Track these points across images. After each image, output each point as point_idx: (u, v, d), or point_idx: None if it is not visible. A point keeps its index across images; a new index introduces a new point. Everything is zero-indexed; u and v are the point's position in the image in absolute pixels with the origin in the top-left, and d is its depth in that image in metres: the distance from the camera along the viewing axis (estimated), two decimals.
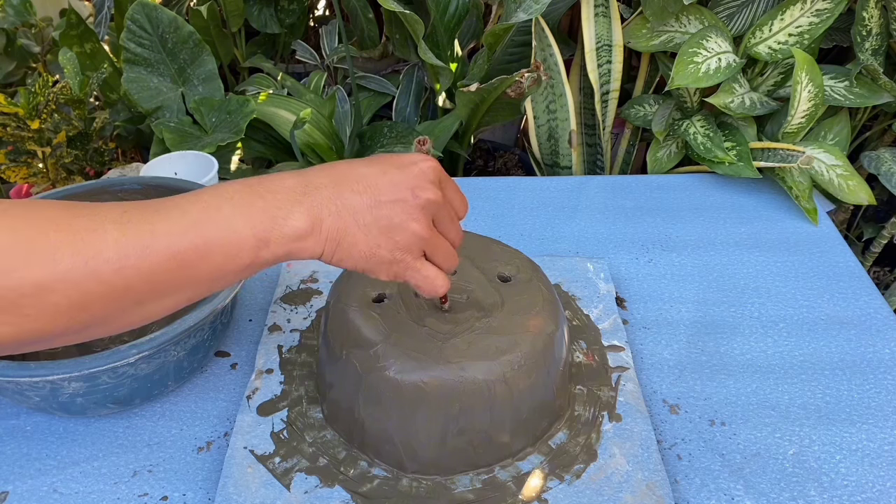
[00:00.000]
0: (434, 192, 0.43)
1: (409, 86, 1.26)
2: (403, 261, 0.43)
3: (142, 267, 0.35)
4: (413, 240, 0.43)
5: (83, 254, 0.34)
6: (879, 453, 0.56)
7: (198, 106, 1.03)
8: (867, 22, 0.88)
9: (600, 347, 0.63)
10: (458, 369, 0.49)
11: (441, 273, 0.45)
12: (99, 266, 0.34)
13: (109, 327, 0.38)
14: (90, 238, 0.34)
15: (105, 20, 1.17)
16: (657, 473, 0.52)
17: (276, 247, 0.39)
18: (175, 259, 0.36)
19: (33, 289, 0.33)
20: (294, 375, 0.61)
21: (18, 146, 1.00)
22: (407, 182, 0.42)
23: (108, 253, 0.34)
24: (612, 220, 0.84)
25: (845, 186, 0.87)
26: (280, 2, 1.37)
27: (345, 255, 0.42)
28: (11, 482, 0.53)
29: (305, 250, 0.41)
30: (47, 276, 0.33)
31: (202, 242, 0.37)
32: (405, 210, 0.42)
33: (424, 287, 0.45)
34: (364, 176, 0.42)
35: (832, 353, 0.65)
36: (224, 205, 0.38)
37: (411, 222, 0.42)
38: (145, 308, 0.37)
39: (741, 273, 0.75)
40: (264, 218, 0.39)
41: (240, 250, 0.38)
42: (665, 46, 0.98)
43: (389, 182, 0.42)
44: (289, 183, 0.41)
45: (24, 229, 0.33)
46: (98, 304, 0.35)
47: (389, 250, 0.42)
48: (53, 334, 0.35)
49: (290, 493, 0.51)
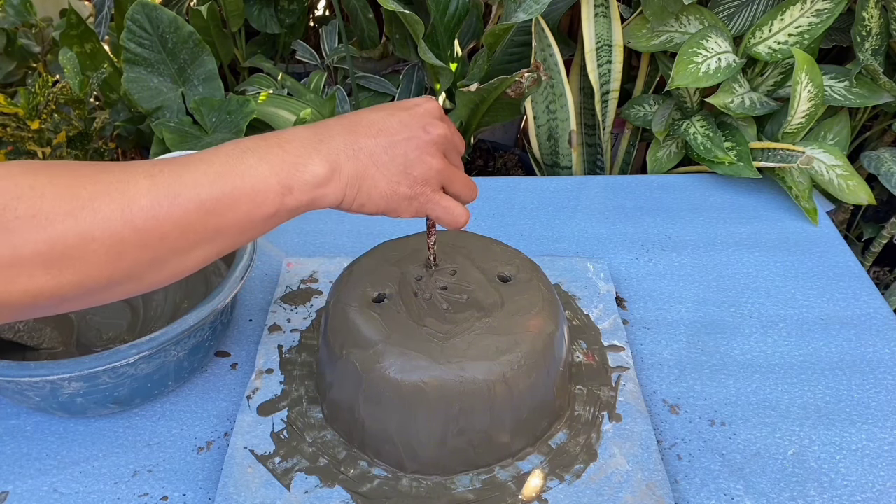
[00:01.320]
0: (443, 126, 0.45)
1: (409, 86, 1.26)
2: (424, 194, 0.45)
3: (173, 215, 0.36)
4: (431, 173, 0.45)
5: (119, 202, 0.35)
6: (879, 453, 0.56)
7: (198, 106, 1.03)
8: (867, 22, 0.88)
9: (600, 347, 0.63)
10: (458, 369, 0.49)
11: (459, 204, 0.47)
12: (134, 214, 0.35)
13: (145, 282, 0.38)
14: (125, 188, 0.36)
15: (105, 20, 1.17)
16: (657, 473, 0.52)
17: (300, 193, 0.41)
18: (204, 207, 0.37)
19: (76, 238, 0.34)
20: (294, 375, 0.61)
21: (18, 146, 1.00)
22: (416, 121, 0.45)
23: (142, 201, 0.36)
24: (612, 220, 0.84)
25: (845, 186, 0.87)
26: (280, 2, 1.37)
27: (366, 199, 0.43)
28: (11, 482, 0.53)
29: (327, 196, 0.42)
30: (88, 225, 0.34)
31: (229, 190, 0.38)
32: (419, 146, 0.44)
33: (446, 218, 0.47)
34: (375, 121, 0.44)
35: (832, 352, 0.65)
36: (246, 155, 0.40)
37: (426, 156, 0.44)
38: (179, 259, 0.38)
39: (741, 273, 0.75)
40: (285, 165, 0.40)
41: (266, 197, 0.39)
42: (665, 46, 0.98)
43: (399, 122, 0.44)
44: (303, 133, 0.42)
45: (66, 181, 0.35)
46: (134, 253, 0.36)
47: (409, 185, 0.44)
48: (92, 288, 0.36)
49: (290, 493, 0.51)
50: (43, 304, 0.35)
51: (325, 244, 0.78)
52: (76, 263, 0.34)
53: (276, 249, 0.77)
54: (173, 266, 0.39)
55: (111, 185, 0.35)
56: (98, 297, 0.37)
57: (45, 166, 0.35)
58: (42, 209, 0.33)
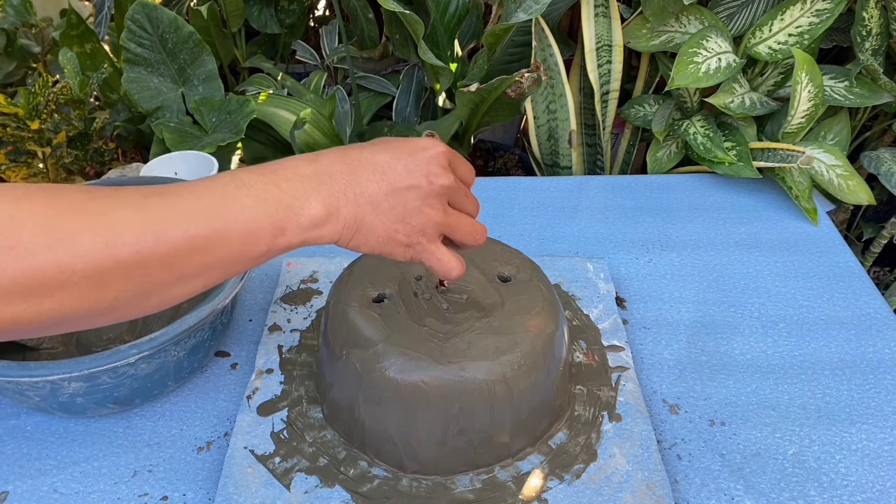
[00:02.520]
0: (447, 177, 0.44)
1: (409, 86, 1.26)
2: (420, 244, 0.45)
3: (159, 250, 0.36)
4: (429, 224, 0.44)
5: (103, 235, 0.34)
6: (879, 453, 0.56)
7: (198, 106, 1.03)
8: (867, 22, 0.88)
9: (600, 347, 0.63)
10: (458, 369, 0.49)
11: (455, 256, 0.47)
12: (118, 249, 0.34)
13: (128, 312, 0.38)
14: (110, 221, 0.35)
15: (105, 20, 1.17)
16: (657, 473, 0.52)
17: (293, 235, 0.40)
18: (191, 244, 0.37)
19: (56, 271, 0.33)
20: (294, 375, 0.61)
21: (18, 146, 1.00)
22: (420, 169, 0.44)
23: (127, 235, 0.35)
24: (612, 220, 0.84)
25: (845, 186, 0.87)
26: (280, 2, 1.37)
27: (362, 241, 0.43)
28: (11, 482, 0.53)
29: (322, 237, 0.41)
30: (69, 258, 0.33)
31: (219, 228, 0.37)
32: (420, 196, 0.43)
33: (439, 269, 0.46)
34: (379, 164, 0.43)
35: (832, 353, 0.65)
36: (241, 192, 0.39)
37: (426, 208, 0.44)
38: (163, 292, 0.38)
39: (741, 273, 0.75)
40: (281, 207, 0.39)
41: (258, 238, 0.39)
42: (665, 46, 0.98)
43: (404, 169, 0.43)
44: (303, 170, 0.41)
45: (47, 212, 0.34)
46: (116, 286, 0.35)
47: (406, 234, 0.44)
48: (72, 317, 0.35)
49: (290, 493, 0.51)
50: (24, 328, 0.34)
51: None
52: (56, 294, 0.34)
53: None
54: (158, 298, 0.38)
55: (96, 217, 0.35)
56: (81, 324, 0.37)
57: (29, 194, 0.34)
58: (21, 240, 0.32)
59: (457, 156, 0.47)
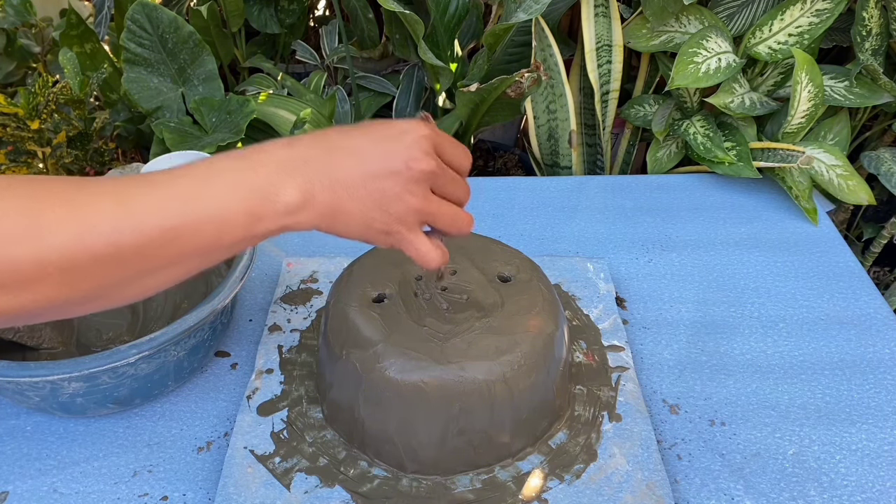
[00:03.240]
0: (428, 162, 0.42)
1: (409, 86, 1.26)
2: (399, 232, 0.43)
3: (134, 241, 0.36)
4: (408, 212, 0.42)
5: (78, 227, 0.35)
6: (879, 453, 0.56)
7: (198, 106, 1.03)
8: (867, 22, 0.88)
9: (600, 347, 0.63)
10: (458, 369, 0.49)
11: (435, 247, 0.45)
12: (94, 240, 0.35)
13: (107, 301, 0.38)
14: (86, 212, 0.35)
15: (105, 20, 1.17)
16: (657, 473, 0.52)
17: (269, 222, 0.39)
18: (166, 235, 0.36)
19: (31, 263, 0.34)
20: (294, 375, 0.61)
21: (18, 146, 1.00)
22: (400, 153, 0.41)
23: (103, 227, 0.35)
24: (611, 220, 0.84)
25: (845, 186, 0.87)
26: (280, 2, 1.37)
27: (342, 228, 0.42)
28: (11, 482, 0.53)
29: (300, 224, 0.41)
30: (44, 251, 0.34)
31: (194, 217, 0.37)
32: (399, 182, 0.41)
33: (417, 259, 0.45)
34: (356, 149, 0.42)
35: (832, 352, 0.65)
36: (215, 180, 0.38)
37: (406, 195, 0.42)
38: (142, 281, 0.38)
39: (741, 273, 0.75)
40: (254, 194, 0.39)
41: (233, 226, 0.38)
42: (665, 46, 0.98)
43: (383, 153, 0.41)
44: (279, 156, 0.40)
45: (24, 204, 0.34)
46: (93, 277, 0.36)
47: (384, 223, 0.42)
48: (51, 307, 0.36)
49: (290, 493, 0.51)
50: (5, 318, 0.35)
51: (325, 244, 0.78)
52: (33, 285, 0.34)
53: (276, 249, 0.77)
54: (137, 287, 0.38)
55: (75, 209, 0.35)
56: (63, 313, 0.37)
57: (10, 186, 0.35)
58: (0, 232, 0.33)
59: (445, 138, 0.45)
